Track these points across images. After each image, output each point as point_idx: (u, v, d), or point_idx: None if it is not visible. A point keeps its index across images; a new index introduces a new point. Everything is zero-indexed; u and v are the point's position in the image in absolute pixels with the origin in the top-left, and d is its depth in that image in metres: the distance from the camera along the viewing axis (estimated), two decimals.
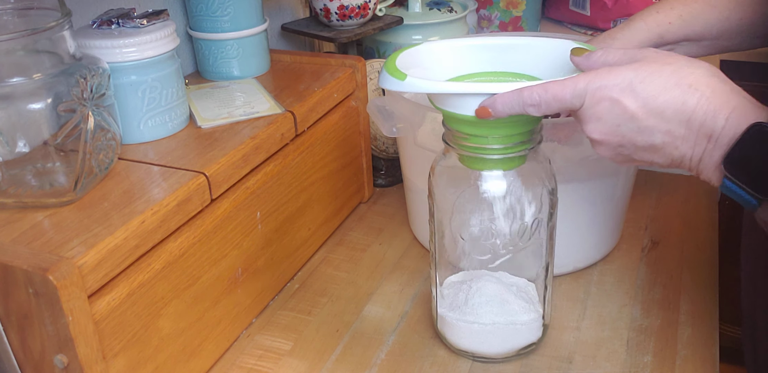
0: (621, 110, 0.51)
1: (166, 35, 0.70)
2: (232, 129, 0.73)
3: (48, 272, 0.49)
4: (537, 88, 0.53)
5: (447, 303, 0.68)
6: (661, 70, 0.50)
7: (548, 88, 0.52)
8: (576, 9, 1.48)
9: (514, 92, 0.53)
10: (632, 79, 0.50)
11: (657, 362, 0.67)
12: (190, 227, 0.63)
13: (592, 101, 0.51)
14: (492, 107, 0.54)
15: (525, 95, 0.53)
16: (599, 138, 0.53)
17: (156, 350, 0.61)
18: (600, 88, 0.51)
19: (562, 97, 0.52)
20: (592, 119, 0.52)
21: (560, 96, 0.52)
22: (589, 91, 0.51)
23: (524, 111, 0.53)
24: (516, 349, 0.68)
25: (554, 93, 0.52)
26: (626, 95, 0.50)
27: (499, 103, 0.53)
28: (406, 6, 1.11)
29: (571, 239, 0.77)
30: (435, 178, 0.63)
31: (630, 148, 0.52)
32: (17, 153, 0.58)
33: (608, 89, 0.51)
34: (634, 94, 0.50)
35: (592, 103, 0.51)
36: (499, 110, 0.54)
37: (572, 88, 0.52)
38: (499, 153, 0.58)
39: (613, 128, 0.52)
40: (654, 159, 0.53)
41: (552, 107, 0.53)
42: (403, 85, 0.54)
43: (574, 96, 0.52)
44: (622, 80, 0.50)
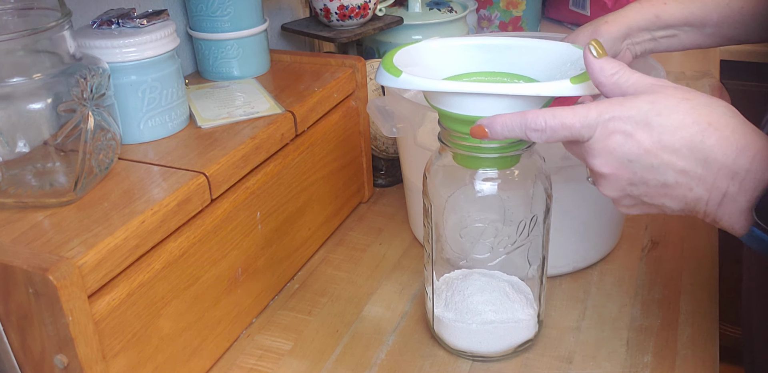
0: (634, 144, 0.47)
1: (166, 35, 0.70)
2: (232, 129, 0.73)
3: (48, 272, 0.49)
4: (544, 112, 0.49)
5: (443, 303, 0.68)
6: (678, 105, 0.47)
7: (556, 114, 0.49)
8: (576, 9, 1.48)
9: (516, 114, 0.50)
10: (648, 111, 0.47)
11: (657, 362, 0.67)
12: (190, 227, 0.63)
13: (603, 133, 0.48)
14: (489, 127, 0.51)
15: (529, 118, 0.50)
16: (608, 172, 0.49)
17: (156, 350, 0.61)
18: (613, 119, 0.48)
19: (571, 126, 0.49)
20: (603, 153, 0.48)
21: (569, 124, 0.49)
22: (601, 122, 0.48)
23: (525, 135, 0.50)
24: (513, 346, 0.68)
25: (563, 120, 0.49)
26: (641, 129, 0.47)
27: (499, 123, 0.51)
28: (406, 6, 1.11)
29: (571, 239, 0.77)
30: (430, 177, 0.63)
31: (641, 187, 0.49)
32: (17, 153, 0.58)
33: (622, 121, 0.47)
34: (649, 128, 0.47)
35: (604, 136, 0.48)
36: (497, 131, 0.51)
37: (583, 116, 0.48)
38: (494, 152, 0.58)
39: (624, 163, 0.48)
40: (665, 202, 0.49)
41: (558, 135, 0.49)
42: (398, 82, 0.54)
43: (584, 126, 0.48)
44: (637, 113, 0.47)
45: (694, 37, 0.71)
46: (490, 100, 0.53)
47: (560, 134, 0.49)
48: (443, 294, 0.68)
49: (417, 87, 0.54)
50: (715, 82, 1.21)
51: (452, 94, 0.54)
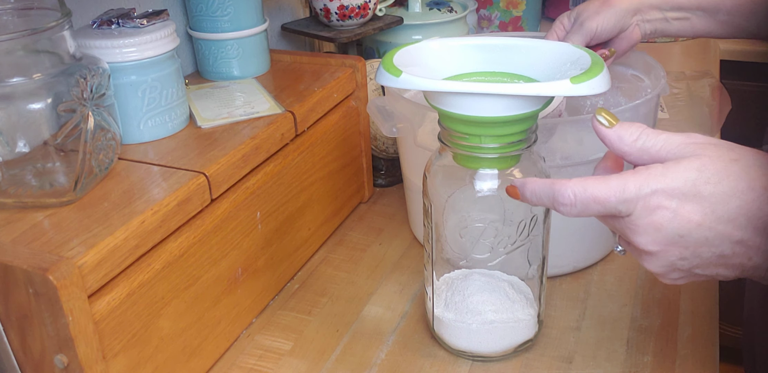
0: (684, 219, 0.43)
1: (166, 35, 0.70)
2: (232, 129, 0.73)
3: (48, 272, 0.49)
4: (574, 184, 0.45)
5: (443, 303, 0.68)
6: (728, 169, 0.43)
7: (587, 187, 0.44)
8: None
9: (545, 183, 0.46)
10: (695, 180, 0.43)
11: (657, 362, 0.67)
12: (190, 227, 0.63)
13: (645, 209, 0.43)
14: (521, 191, 0.48)
15: (557, 190, 0.45)
16: (657, 250, 0.45)
17: (156, 350, 0.61)
18: (655, 192, 0.43)
19: (605, 201, 0.44)
20: (649, 230, 0.44)
21: (603, 199, 0.44)
22: (642, 196, 0.43)
23: (554, 208, 0.46)
24: (513, 346, 0.68)
25: (595, 194, 0.44)
26: (690, 201, 0.43)
27: (528, 190, 0.48)
28: (406, 6, 1.11)
29: (571, 238, 0.77)
30: (430, 177, 0.63)
31: (693, 261, 0.45)
32: (17, 153, 0.58)
33: (667, 195, 0.43)
34: (699, 199, 0.43)
35: (647, 212, 0.43)
36: (527, 198, 0.48)
37: (620, 191, 0.44)
38: (494, 152, 0.58)
39: (674, 239, 0.44)
40: (719, 272, 0.45)
41: (590, 210, 0.45)
42: (398, 82, 0.54)
43: (620, 201, 0.44)
44: (683, 183, 0.43)
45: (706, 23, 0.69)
46: (489, 100, 0.53)
47: (593, 209, 0.45)
48: (443, 294, 0.68)
49: (417, 87, 0.54)
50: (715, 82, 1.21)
51: (452, 94, 0.54)
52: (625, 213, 0.44)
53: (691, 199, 0.43)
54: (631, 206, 0.44)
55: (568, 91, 0.52)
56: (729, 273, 0.45)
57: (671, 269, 0.46)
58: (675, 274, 0.47)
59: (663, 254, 0.45)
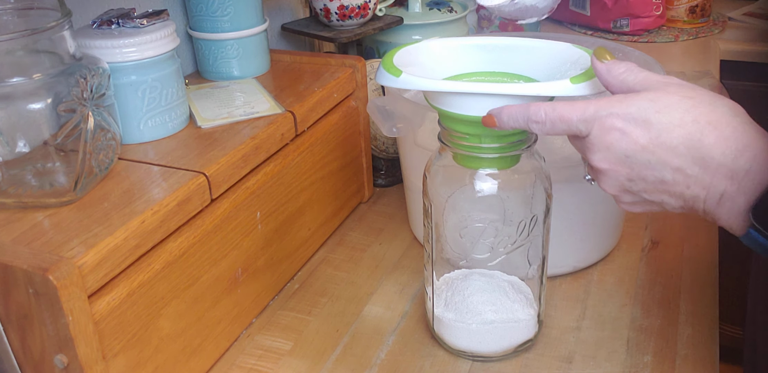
0: (631, 141, 0.47)
1: (166, 35, 0.70)
2: (232, 129, 0.73)
3: (48, 272, 0.49)
4: (545, 105, 0.50)
5: (443, 303, 0.68)
6: (679, 103, 0.47)
7: (556, 108, 0.50)
8: (576, 9, 1.48)
9: (521, 106, 0.51)
10: (647, 109, 0.47)
11: (657, 362, 0.67)
12: (190, 227, 0.63)
13: (601, 129, 0.48)
14: (498, 117, 0.52)
15: (531, 111, 0.50)
16: (606, 168, 0.49)
17: (156, 350, 0.61)
18: (611, 115, 0.48)
19: (569, 119, 0.49)
20: (601, 148, 0.49)
21: (567, 118, 0.49)
22: (599, 117, 0.48)
23: (528, 127, 0.51)
24: (513, 346, 0.68)
25: (561, 113, 0.49)
26: (639, 125, 0.47)
27: (505, 114, 0.52)
28: (406, 6, 1.11)
29: (571, 239, 0.77)
30: (430, 177, 0.63)
31: (639, 183, 0.49)
32: (17, 153, 0.58)
33: (619, 117, 0.48)
34: (647, 124, 0.47)
35: (602, 131, 0.48)
36: (503, 121, 0.52)
37: (581, 111, 0.49)
38: (494, 152, 0.58)
39: (622, 158, 0.48)
40: (664, 199, 0.49)
41: (557, 128, 0.50)
42: (398, 82, 0.54)
43: (581, 120, 0.49)
44: (636, 110, 0.47)
45: None
46: (490, 100, 0.53)
47: (559, 127, 0.50)
48: (443, 294, 0.68)
49: (417, 87, 0.54)
50: (715, 82, 1.21)
51: (452, 94, 0.54)
52: (584, 132, 0.49)
53: (641, 124, 0.47)
54: (590, 125, 0.49)
55: (568, 91, 0.52)
56: (674, 202, 0.49)
57: (622, 190, 0.50)
58: (627, 196, 0.51)
59: (613, 173, 0.49)
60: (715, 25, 1.50)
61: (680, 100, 0.47)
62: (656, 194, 0.49)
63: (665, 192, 0.49)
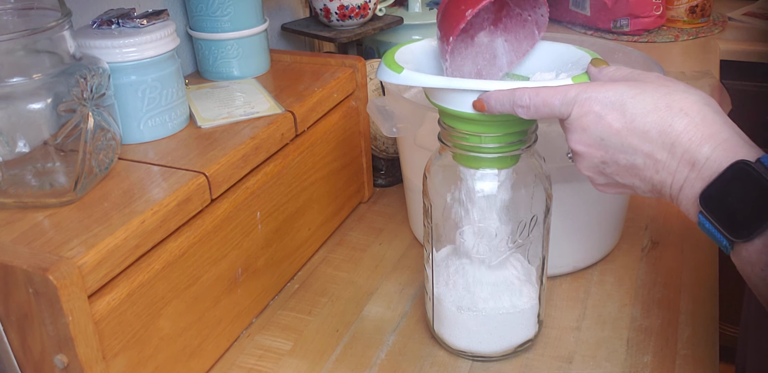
0: (606, 124, 0.49)
1: (166, 35, 0.70)
2: (232, 129, 0.73)
3: (48, 272, 0.49)
4: (529, 90, 0.52)
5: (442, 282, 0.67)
6: (655, 90, 0.49)
7: (540, 92, 0.52)
8: (576, 9, 1.48)
9: (507, 91, 0.53)
10: (623, 94, 0.49)
11: (657, 362, 0.67)
12: (190, 227, 0.63)
13: (579, 111, 0.50)
14: (486, 102, 0.54)
15: (516, 95, 0.52)
16: (582, 150, 0.52)
17: (156, 350, 0.61)
18: (589, 99, 0.50)
19: (551, 103, 0.51)
20: (578, 130, 0.51)
21: (549, 101, 0.51)
22: (578, 100, 0.50)
23: (513, 111, 0.53)
24: (513, 346, 0.68)
25: (544, 98, 0.51)
26: (614, 110, 0.49)
27: (493, 99, 0.53)
28: (406, 6, 1.11)
29: (571, 238, 0.77)
30: (430, 177, 0.63)
31: (612, 166, 0.51)
32: (17, 153, 0.58)
33: (597, 101, 0.50)
34: (622, 109, 0.49)
35: (580, 114, 0.50)
36: (491, 106, 0.53)
37: (563, 95, 0.51)
38: (494, 152, 0.58)
39: (597, 141, 0.50)
40: (635, 183, 0.51)
41: (540, 112, 0.52)
42: (400, 78, 0.55)
43: (562, 103, 0.51)
44: (613, 94, 0.49)
45: None
46: None
47: (542, 111, 0.52)
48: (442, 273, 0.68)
49: (418, 83, 0.55)
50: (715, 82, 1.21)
51: (453, 91, 0.55)
52: (565, 115, 0.51)
53: (617, 108, 0.49)
54: (570, 108, 0.51)
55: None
56: (643, 186, 0.51)
57: (597, 171, 0.52)
58: (601, 178, 0.53)
59: (588, 155, 0.51)
60: (715, 25, 1.50)
61: (656, 87, 0.49)
62: (628, 177, 0.51)
63: (636, 176, 0.50)
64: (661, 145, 0.48)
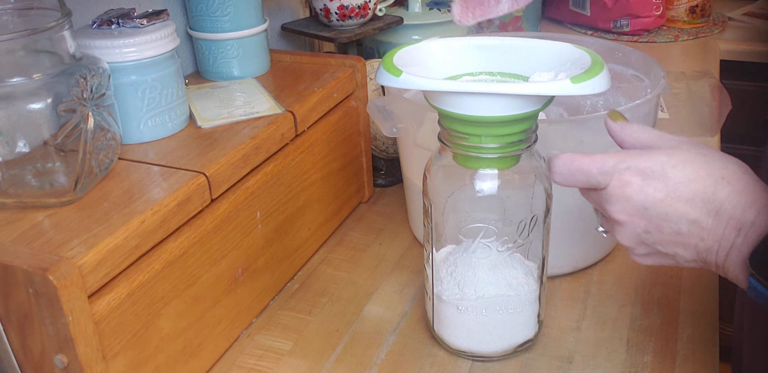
0: (650, 193, 0.49)
1: (166, 35, 0.70)
2: (232, 129, 0.73)
3: (48, 272, 0.49)
4: (564, 156, 0.52)
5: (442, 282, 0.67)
6: (694, 159, 0.49)
7: (575, 159, 0.51)
8: (576, 9, 1.48)
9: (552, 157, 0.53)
10: (664, 163, 0.49)
11: (657, 362, 0.67)
12: (190, 227, 0.63)
13: (619, 182, 0.50)
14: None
15: (552, 162, 0.52)
16: (625, 220, 0.51)
17: (156, 350, 0.61)
18: (629, 168, 0.50)
19: (588, 172, 0.51)
20: (620, 200, 0.50)
21: (586, 170, 0.51)
22: (618, 170, 0.50)
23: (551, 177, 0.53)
24: (513, 346, 0.68)
25: (580, 166, 0.51)
26: (657, 179, 0.49)
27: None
28: (406, 6, 1.11)
29: (571, 239, 0.77)
30: (430, 177, 0.63)
31: (656, 235, 0.50)
32: (17, 153, 0.58)
33: (638, 171, 0.50)
34: (665, 178, 0.49)
35: (620, 184, 0.50)
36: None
37: (601, 164, 0.51)
38: (494, 152, 0.58)
39: (640, 210, 0.50)
40: (678, 251, 0.51)
41: (576, 179, 0.52)
42: (398, 82, 0.54)
43: (600, 173, 0.51)
44: (654, 164, 0.49)
45: None
46: (489, 99, 0.53)
47: (578, 178, 0.52)
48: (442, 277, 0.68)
49: (417, 87, 0.54)
50: (715, 82, 1.21)
51: (452, 94, 0.54)
52: (603, 185, 0.51)
53: (659, 178, 0.49)
54: (608, 178, 0.51)
55: (568, 90, 0.52)
56: (687, 254, 0.50)
57: (638, 241, 0.52)
58: (642, 248, 0.52)
59: (630, 224, 0.51)
60: (715, 25, 1.50)
61: (695, 156, 0.50)
62: (671, 245, 0.51)
63: (680, 244, 0.50)
64: (706, 212, 0.48)
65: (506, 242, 0.63)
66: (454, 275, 0.67)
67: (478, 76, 0.61)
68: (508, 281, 0.67)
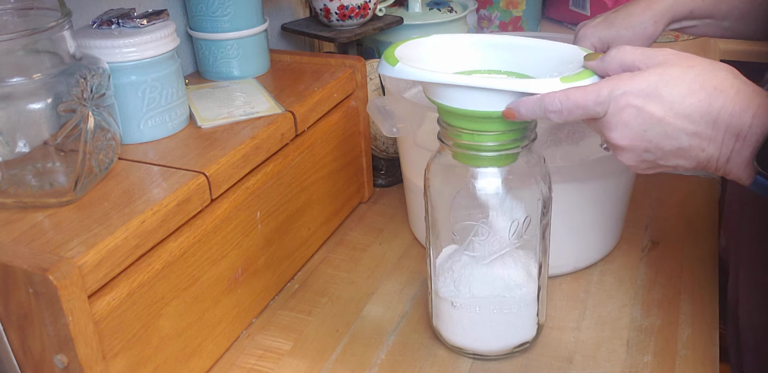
0: (648, 116, 0.50)
1: (166, 35, 0.70)
2: (232, 129, 0.73)
3: (48, 272, 0.49)
4: (558, 94, 0.52)
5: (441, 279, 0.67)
6: (685, 73, 0.50)
7: (570, 95, 0.52)
8: (576, 9, 1.48)
9: (536, 98, 0.53)
10: (657, 83, 0.50)
11: (657, 362, 0.67)
12: (190, 227, 0.63)
13: (616, 108, 0.51)
14: (516, 110, 0.54)
15: (546, 102, 0.52)
16: (626, 144, 0.52)
17: (156, 350, 0.61)
18: (624, 94, 0.50)
19: (584, 105, 0.51)
20: (618, 126, 0.51)
21: (582, 103, 0.51)
22: (613, 98, 0.50)
23: (546, 116, 0.53)
24: (510, 346, 0.68)
25: (576, 100, 0.51)
26: (652, 100, 0.50)
27: (522, 106, 0.53)
28: (406, 6, 1.11)
29: (571, 239, 0.77)
30: (430, 176, 0.63)
31: (656, 152, 0.52)
32: (17, 153, 0.58)
33: (633, 95, 0.50)
34: (660, 98, 0.50)
35: (617, 110, 0.51)
36: (522, 113, 0.54)
37: (595, 95, 0.51)
38: (493, 150, 0.58)
39: (640, 134, 0.51)
40: (680, 163, 0.52)
41: (574, 114, 0.52)
42: (394, 71, 0.55)
43: (597, 103, 0.51)
44: (647, 85, 0.50)
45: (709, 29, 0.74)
46: (482, 94, 0.54)
47: (576, 113, 0.52)
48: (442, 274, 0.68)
49: (412, 77, 0.55)
50: None
51: (447, 87, 0.55)
52: (601, 114, 0.51)
53: (654, 98, 0.50)
54: (605, 106, 0.51)
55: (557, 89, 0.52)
56: (687, 164, 0.52)
57: (641, 160, 0.53)
58: (643, 165, 0.54)
59: (632, 148, 0.52)
60: None
61: (684, 70, 0.50)
62: (672, 159, 0.52)
63: (681, 157, 0.52)
64: (705, 124, 0.49)
65: (505, 241, 0.63)
66: (451, 273, 0.67)
67: (480, 74, 0.61)
68: (505, 281, 0.67)
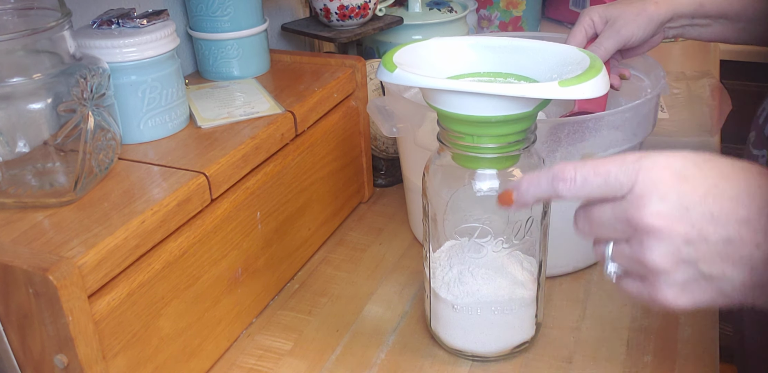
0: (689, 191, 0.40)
1: (166, 35, 0.70)
2: (232, 129, 0.73)
3: (48, 272, 0.49)
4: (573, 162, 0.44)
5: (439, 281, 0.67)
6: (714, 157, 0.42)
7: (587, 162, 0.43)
8: (576, 9, 1.48)
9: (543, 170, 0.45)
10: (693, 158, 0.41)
11: (657, 362, 0.67)
12: (190, 227, 0.63)
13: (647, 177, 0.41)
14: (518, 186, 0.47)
15: (557, 168, 0.44)
16: (661, 225, 0.40)
17: (156, 350, 0.61)
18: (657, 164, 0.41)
19: (606, 171, 0.42)
20: (653, 199, 0.40)
21: (603, 169, 0.42)
22: (643, 167, 0.41)
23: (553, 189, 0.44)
24: (509, 347, 0.68)
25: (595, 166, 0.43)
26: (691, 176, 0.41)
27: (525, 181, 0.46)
28: (406, 6, 1.11)
29: (572, 238, 0.77)
30: (429, 177, 0.63)
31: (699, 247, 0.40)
32: (17, 153, 0.58)
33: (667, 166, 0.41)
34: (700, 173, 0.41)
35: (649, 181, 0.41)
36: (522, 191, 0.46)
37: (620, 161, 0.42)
38: (493, 152, 0.58)
39: (681, 212, 0.40)
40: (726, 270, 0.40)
41: (590, 183, 0.43)
42: (392, 77, 0.55)
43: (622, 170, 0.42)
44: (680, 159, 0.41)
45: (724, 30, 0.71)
46: (481, 99, 0.54)
47: (593, 182, 0.43)
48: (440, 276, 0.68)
49: (409, 83, 0.55)
50: (715, 82, 1.21)
51: (445, 93, 0.55)
52: (627, 185, 0.42)
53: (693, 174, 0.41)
54: (633, 175, 0.41)
55: (555, 94, 0.51)
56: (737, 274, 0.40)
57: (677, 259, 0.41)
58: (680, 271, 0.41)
59: (668, 232, 0.40)
60: None
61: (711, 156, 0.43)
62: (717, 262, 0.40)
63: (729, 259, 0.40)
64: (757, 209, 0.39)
65: (504, 242, 0.63)
66: (450, 275, 0.67)
67: (480, 77, 0.61)
68: (506, 282, 0.67)
